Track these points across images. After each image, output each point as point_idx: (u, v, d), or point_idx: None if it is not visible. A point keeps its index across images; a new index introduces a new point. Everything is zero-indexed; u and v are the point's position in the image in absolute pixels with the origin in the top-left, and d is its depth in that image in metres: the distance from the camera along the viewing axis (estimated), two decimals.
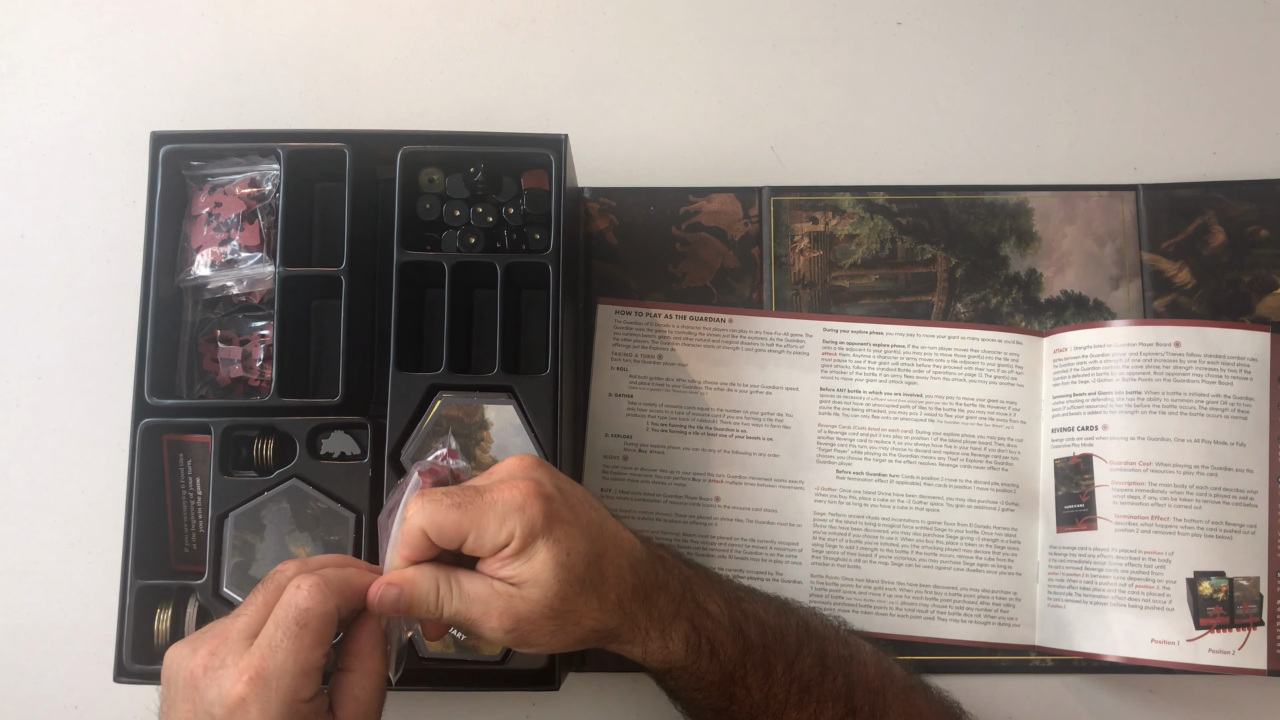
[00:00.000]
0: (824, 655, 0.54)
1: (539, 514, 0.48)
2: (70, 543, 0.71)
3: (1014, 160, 0.74)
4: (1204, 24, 0.75)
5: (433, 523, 0.48)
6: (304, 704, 0.46)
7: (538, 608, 0.48)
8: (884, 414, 0.70)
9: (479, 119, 0.74)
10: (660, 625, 0.51)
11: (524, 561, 0.48)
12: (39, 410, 0.72)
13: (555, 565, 0.48)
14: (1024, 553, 0.68)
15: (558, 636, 0.49)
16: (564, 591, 0.48)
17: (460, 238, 0.66)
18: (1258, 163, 0.73)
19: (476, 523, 0.48)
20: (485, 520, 0.48)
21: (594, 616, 0.50)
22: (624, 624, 0.50)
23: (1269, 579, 0.64)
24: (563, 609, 0.49)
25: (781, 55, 0.76)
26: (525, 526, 0.48)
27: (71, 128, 0.75)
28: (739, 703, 0.52)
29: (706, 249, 0.73)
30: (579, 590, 0.49)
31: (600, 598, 0.49)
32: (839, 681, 0.53)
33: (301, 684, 0.45)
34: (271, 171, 0.67)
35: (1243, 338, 0.66)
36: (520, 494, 0.49)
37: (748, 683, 0.52)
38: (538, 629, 0.49)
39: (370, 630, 0.50)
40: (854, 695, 0.53)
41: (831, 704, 0.53)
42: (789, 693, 0.52)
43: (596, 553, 0.50)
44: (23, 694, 0.70)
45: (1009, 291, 0.72)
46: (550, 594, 0.48)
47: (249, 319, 0.67)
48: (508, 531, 0.48)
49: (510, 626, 0.48)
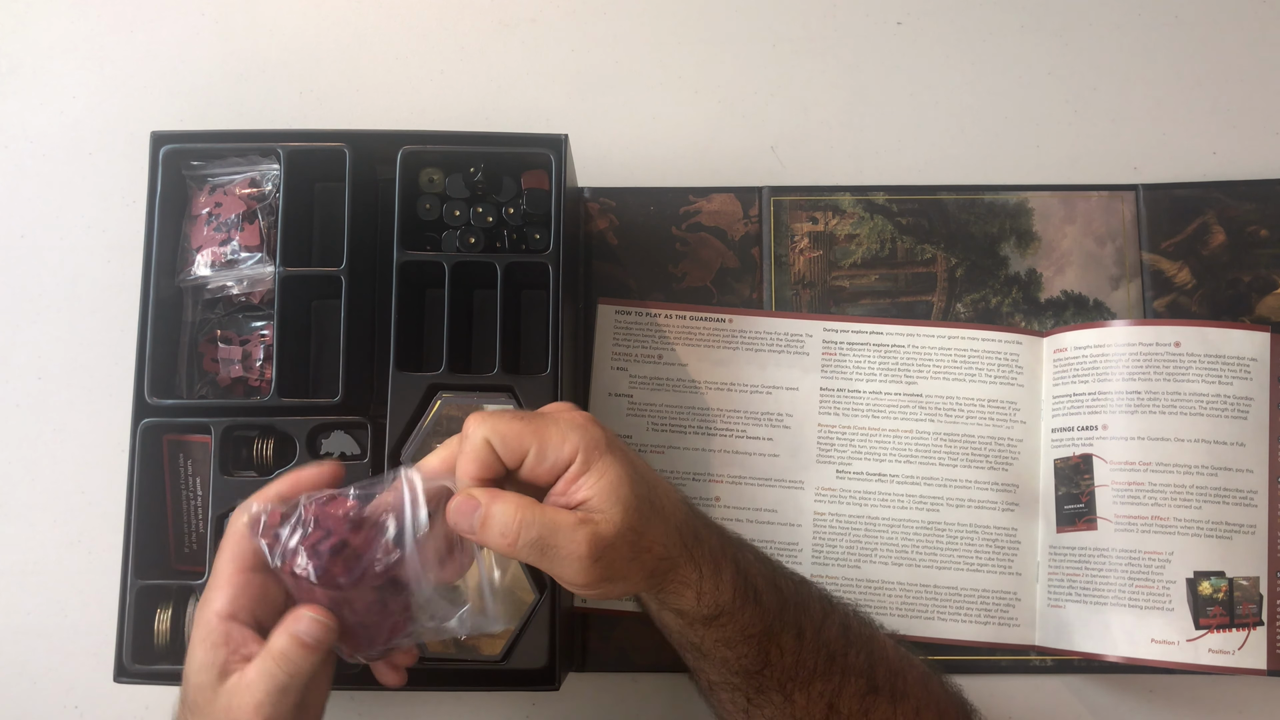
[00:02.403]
0: (847, 628, 0.54)
1: (600, 434, 0.48)
2: (70, 543, 0.71)
3: (1014, 160, 0.74)
4: (1204, 24, 0.75)
5: (496, 431, 0.48)
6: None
7: (619, 528, 0.47)
8: (884, 414, 0.70)
9: (479, 119, 0.74)
10: (712, 563, 0.50)
11: (596, 478, 0.47)
12: (39, 410, 0.72)
13: (629, 480, 0.48)
14: (1024, 553, 0.68)
15: (633, 566, 0.48)
16: (639, 507, 0.48)
17: (460, 238, 0.66)
18: (1258, 163, 0.73)
19: (539, 435, 0.48)
20: (549, 434, 0.48)
21: (661, 541, 0.49)
22: (683, 555, 0.50)
23: (1269, 579, 0.64)
24: (639, 526, 0.48)
25: (781, 55, 0.76)
26: (589, 441, 0.48)
27: (71, 128, 0.75)
28: (772, 665, 0.51)
29: (706, 249, 0.73)
30: (650, 510, 0.48)
31: (665, 521, 0.49)
32: (861, 657, 0.53)
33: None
34: (271, 171, 0.67)
35: (1243, 338, 0.66)
36: (580, 417, 0.49)
37: (782, 642, 0.51)
38: (619, 555, 0.47)
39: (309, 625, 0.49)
40: (875, 672, 0.53)
41: (854, 678, 0.52)
42: (817, 660, 0.52)
43: (653, 481, 0.50)
44: (23, 694, 0.70)
45: (1009, 291, 0.72)
46: (629, 510, 0.47)
47: (249, 319, 0.67)
48: (571, 446, 0.48)
49: (597, 554, 0.47)
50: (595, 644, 0.69)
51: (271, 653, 0.48)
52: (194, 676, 0.49)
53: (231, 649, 0.49)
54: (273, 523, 0.49)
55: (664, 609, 0.52)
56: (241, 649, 0.49)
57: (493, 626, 0.52)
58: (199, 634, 0.49)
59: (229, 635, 0.49)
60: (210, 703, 0.49)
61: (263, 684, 0.48)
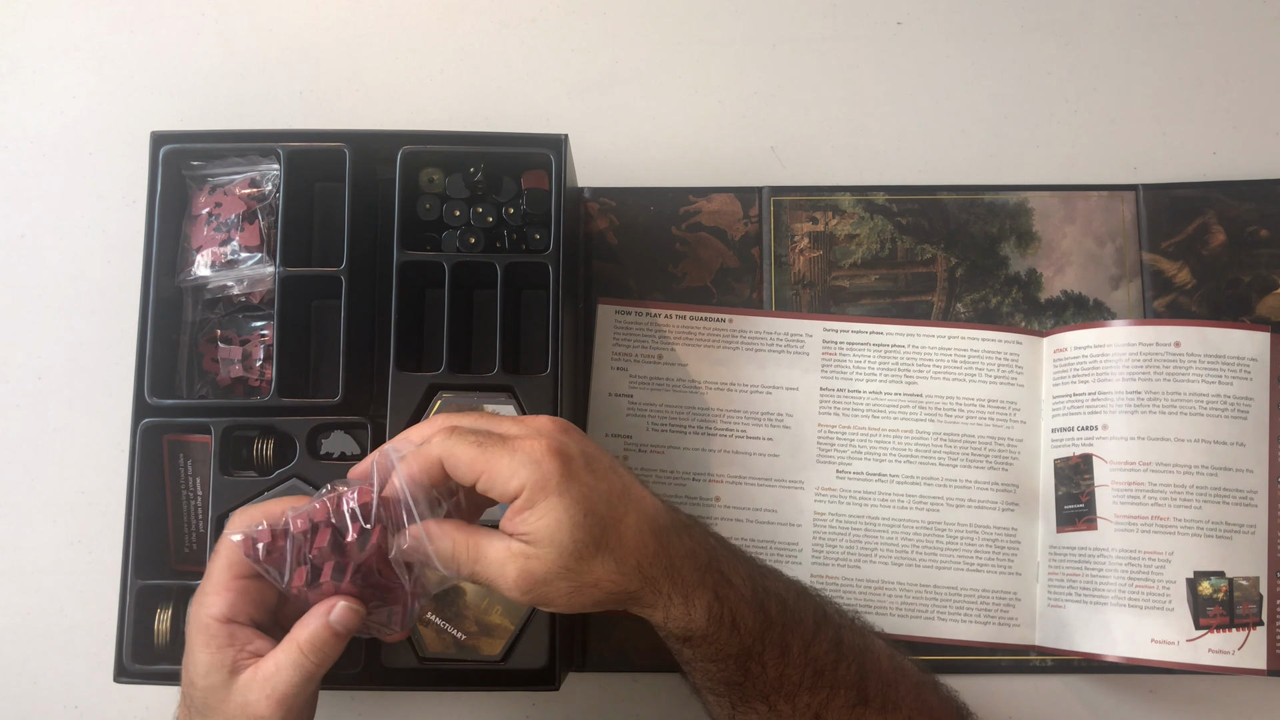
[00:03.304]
0: (839, 642, 0.54)
1: (554, 471, 0.49)
2: (70, 543, 0.71)
3: (1014, 160, 0.74)
4: (1204, 24, 0.75)
5: (450, 454, 0.49)
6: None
7: (552, 568, 0.48)
8: (884, 414, 0.70)
9: (479, 119, 0.74)
10: (684, 592, 0.51)
11: (536, 517, 0.48)
12: (39, 410, 0.72)
13: (568, 524, 0.48)
14: (1024, 553, 0.68)
15: (575, 598, 0.49)
16: (578, 551, 0.48)
17: (460, 238, 0.66)
18: (1258, 163, 0.73)
19: (490, 466, 0.49)
20: (498, 466, 0.49)
21: (612, 580, 0.49)
22: (644, 588, 0.50)
23: (1269, 579, 0.64)
24: (578, 569, 0.49)
25: (781, 55, 0.76)
26: (537, 480, 0.48)
27: (71, 128, 0.75)
28: (753, 679, 0.52)
29: (706, 249, 0.73)
30: (594, 552, 0.49)
31: (619, 561, 0.49)
32: (852, 670, 0.53)
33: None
34: (271, 171, 0.67)
35: (1243, 338, 0.66)
36: (539, 449, 0.49)
37: (764, 659, 0.52)
38: (553, 589, 0.49)
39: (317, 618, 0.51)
40: (866, 684, 0.53)
41: (844, 691, 0.53)
42: (803, 675, 0.52)
43: (615, 517, 0.50)
44: (23, 694, 0.70)
45: (1009, 291, 0.72)
46: (564, 553, 0.48)
47: (249, 319, 0.67)
48: (518, 483, 0.48)
49: (526, 587, 0.49)
50: (595, 644, 0.69)
51: (300, 643, 0.50)
52: (201, 679, 0.50)
53: (238, 648, 0.50)
54: (265, 540, 0.51)
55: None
56: (248, 646, 0.50)
57: None
58: (200, 639, 0.50)
59: (233, 635, 0.50)
60: (224, 701, 0.49)
61: (288, 674, 0.49)
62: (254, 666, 0.50)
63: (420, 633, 0.61)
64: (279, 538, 0.51)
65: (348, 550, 0.50)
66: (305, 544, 0.51)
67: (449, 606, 0.61)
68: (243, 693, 0.49)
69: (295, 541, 0.51)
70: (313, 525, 0.51)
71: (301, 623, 0.51)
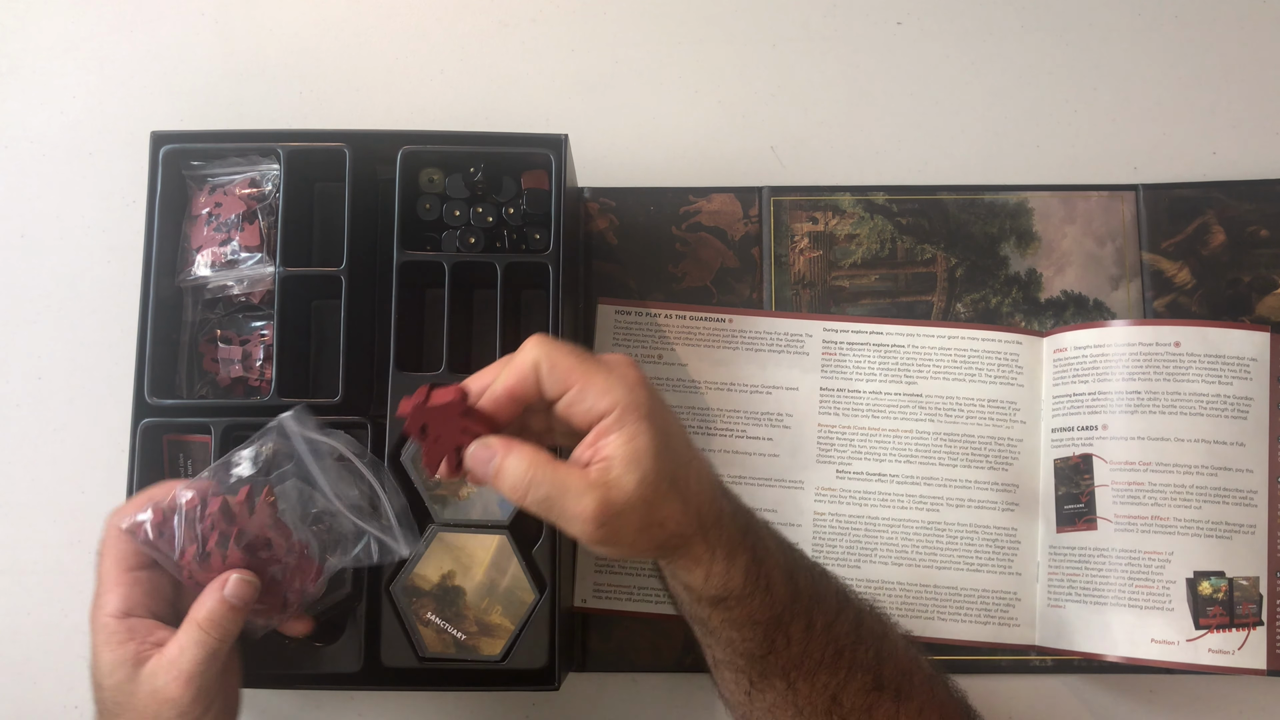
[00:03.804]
0: (860, 624, 0.54)
1: (644, 399, 0.48)
2: (70, 543, 0.71)
3: (1014, 160, 0.74)
4: (1204, 24, 0.75)
5: (548, 357, 0.48)
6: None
7: (631, 498, 0.47)
8: (884, 414, 0.70)
9: (479, 119, 0.74)
10: (727, 548, 0.50)
11: (625, 440, 0.47)
12: (39, 410, 0.72)
13: (653, 452, 0.47)
14: (1024, 553, 0.68)
15: (641, 536, 0.48)
16: (656, 483, 0.47)
17: (460, 238, 0.66)
18: (1258, 163, 0.73)
19: (586, 377, 0.48)
20: (594, 379, 0.48)
21: (676, 521, 0.48)
22: (698, 537, 0.50)
23: (1268, 579, 0.64)
24: (652, 501, 0.47)
25: (781, 55, 0.76)
26: (629, 402, 0.47)
27: (71, 128, 0.75)
28: (778, 651, 0.52)
29: (706, 249, 0.73)
30: (668, 488, 0.48)
31: (685, 503, 0.49)
32: (870, 653, 0.53)
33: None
34: (271, 171, 0.67)
35: (1243, 338, 0.66)
36: (632, 376, 0.49)
37: (790, 632, 0.51)
38: (625, 524, 0.47)
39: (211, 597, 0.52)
40: (883, 670, 0.53)
41: (861, 673, 0.52)
42: (824, 652, 0.52)
43: (686, 459, 0.50)
44: (23, 694, 0.70)
45: (1009, 291, 0.72)
46: (645, 483, 0.47)
47: (249, 319, 0.67)
48: (610, 400, 0.47)
49: (602, 519, 0.47)
50: (595, 644, 0.69)
51: (199, 621, 0.51)
52: (107, 679, 0.51)
53: (139, 640, 0.51)
54: (156, 519, 0.52)
55: (674, 580, 0.52)
56: (149, 638, 0.51)
57: (401, 550, 0.56)
58: (99, 639, 0.51)
59: (132, 629, 0.51)
60: (133, 695, 0.50)
61: (192, 653, 0.50)
62: (158, 654, 0.50)
63: (420, 633, 0.61)
64: (168, 516, 0.52)
65: (237, 515, 0.51)
66: (197, 517, 0.51)
67: (449, 606, 0.62)
68: (150, 680, 0.50)
69: (187, 517, 0.51)
70: (202, 499, 0.51)
71: (198, 602, 0.51)
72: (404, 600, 0.61)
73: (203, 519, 0.51)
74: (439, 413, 0.48)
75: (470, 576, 0.62)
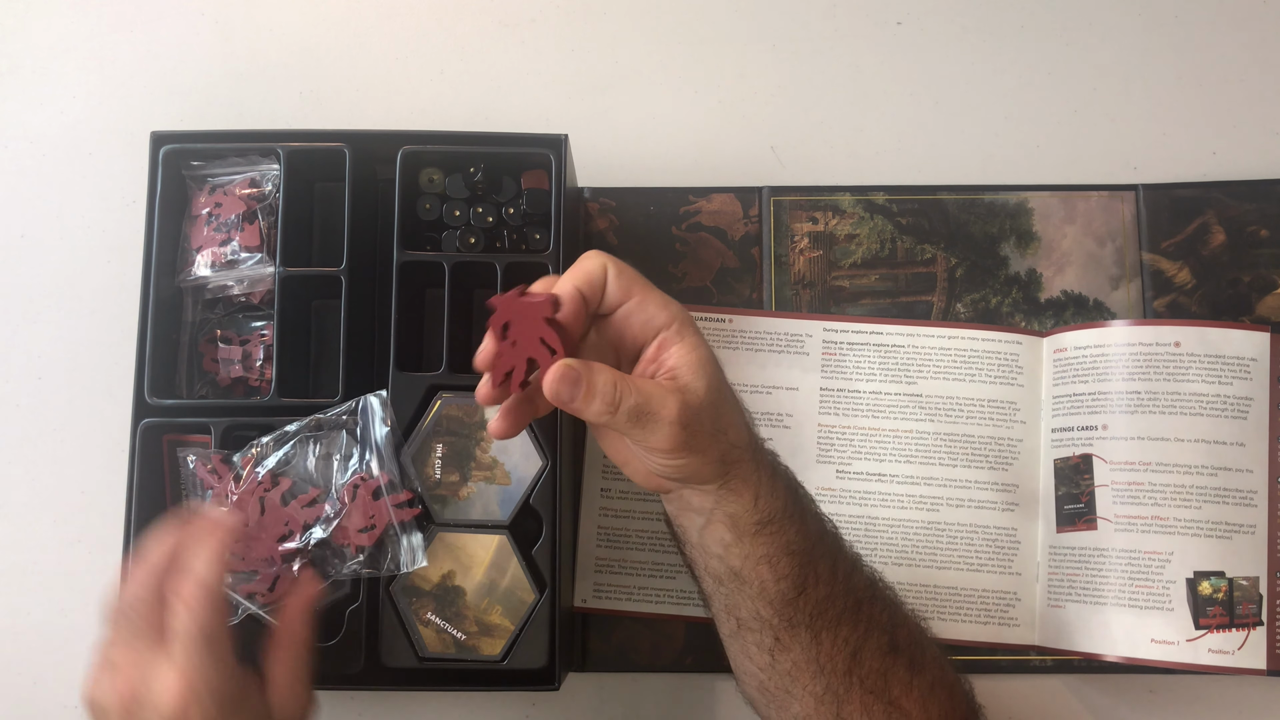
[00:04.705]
0: (874, 583, 0.55)
1: (689, 317, 0.51)
2: (70, 543, 0.71)
3: (1014, 160, 0.74)
4: (1204, 24, 0.75)
5: (615, 264, 0.50)
6: (234, 687, 0.51)
7: (703, 400, 0.49)
8: (884, 414, 0.70)
9: (479, 119, 0.74)
10: (770, 467, 0.52)
11: (686, 350, 0.50)
12: (39, 410, 0.72)
13: (711, 360, 0.50)
14: (1024, 553, 0.68)
15: (712, 443, 0.50)
16: (720, 387, 0.50)
17: (460, 238, 0.66)
18: (1258, 163, 0.73)
19: (646, 289, 0.50)
20: (652, 291, 0.51)
21: (736, 426, 0.51)
22: (749, 449, 0.52)
23: (1268, 579, 0.64)
24: (720, 405, 0.50)
25: (781, 55, 0.76)
26: (684, 315, 0.51)
27: (71, 128, 0.75)
28: (807, 595, 0.52)
29: (706, 249, 0.73)
30: (728, 393, 0.51)
31: (738, 410, 0.52)
32: (885, 615, 0.54)
33: (224, 676, 0.50)
34: (271, 171, 0.67)
35: (1243, 338, 0.66)
36: (674, 300, 0.51)
37: (819, 570, 0.52)
38: (702, 428, 0.49)
39: (293, 604, 0.56)
40: (898, 634, 0.54)
41: (878, 633, 0.53)
42: (845, 601, 0.53)
43: (724, 379, 0.52)
44: (23, 694, 0.70)
45: (1009, 291, 0.72)
46: (710, 387, 0.49)
47: (249, 319, 0.67)
48: (669, 313, 0.50)
49: (685, 420, 0.48)
50: (595, 644, 0.69)
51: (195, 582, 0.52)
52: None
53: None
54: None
55: (715, 519, 0.52)
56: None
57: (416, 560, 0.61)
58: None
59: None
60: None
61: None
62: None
63: (420, 633, 0.61)
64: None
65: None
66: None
67: (449, 606, 0.62)
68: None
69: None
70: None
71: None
72: (404, 600, 0.61)
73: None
74: (528, 311, 0.48)
75: (470, 576, 0.62)
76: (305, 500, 0.61)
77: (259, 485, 0.61)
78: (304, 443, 0.62)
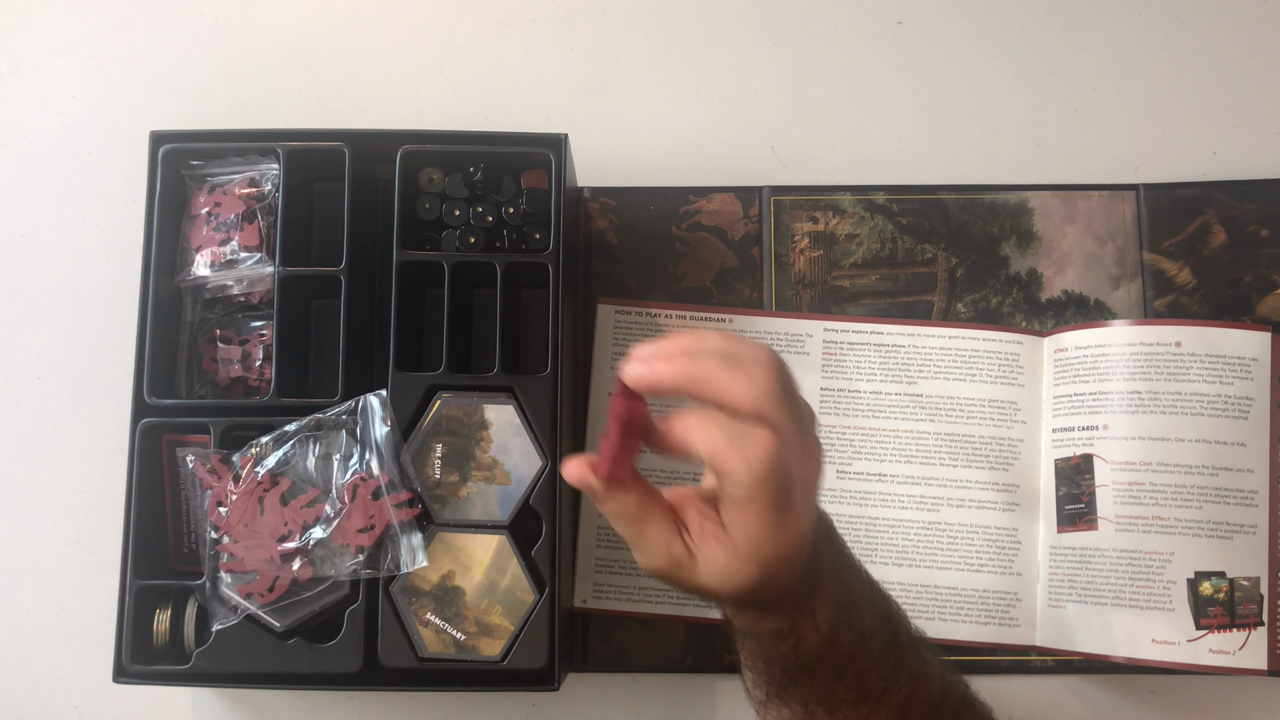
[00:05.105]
0: (898, 670, 0.51)
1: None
2: (70, 543, 0.71)
3: (1014, 160, 0.74)
4: (1204, 24, 0.75)
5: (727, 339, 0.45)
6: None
7: (796, 453, 0.44)
8: (884, 414, 0.70)
9: (479, 119, 0.74)
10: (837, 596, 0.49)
11: (785, 413, 0.44)
12: (39, 410, 0.72)
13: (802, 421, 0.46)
14: (1024, 553, 0.68)
15: (806, 498, 0.45)
16: (810, 443, 0.46)
17: (460, 237, 0.66)
18: (1258, 163, 0.73)
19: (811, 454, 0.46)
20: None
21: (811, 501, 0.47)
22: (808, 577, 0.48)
23: (1269, 579, 0.64)
24: (807, 459, 0.45)
25: (781, 55, 0.76)
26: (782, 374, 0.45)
27: (71, 128, 0.75)
28: (801, 686, 0.50)
29: (706, 249, 0.73)
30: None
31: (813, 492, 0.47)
32: (902, 694, 0.51)
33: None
34: (271, 171, 0.67)
35: (1243, 338, 0.66)
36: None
37: (815, 676, 0.50)
38: (792, 486, 0.44)
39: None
40: (910, 711, 0.51)
41: (886, 712, 0.51)
42: (849, 693, 0.50)
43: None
44: (23, 694, 0.70)
45: (1009, 291, 0.72)
46: (806, 439, 0.45)
47: (249, 319, 0.67)
48: (766, 377, 0.44)
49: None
50: (595, 644, 0.69)
51: None
52: None
53: None
54: None
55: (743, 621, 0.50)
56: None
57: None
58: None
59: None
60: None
61: None
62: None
63: (420, 633, 0.61)
64: None
65: None
66: None
67: (449, 607, 0.61)
68: None
69: None
70: None
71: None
72: (404, 600, 0.61)
73: None
74: (633, 422, 0.49)
75: (470, 577, 0.62)
76: (305, 500, 0.61)
77: (258, 485, 0.61)
78: (304, 443, 0.62)
